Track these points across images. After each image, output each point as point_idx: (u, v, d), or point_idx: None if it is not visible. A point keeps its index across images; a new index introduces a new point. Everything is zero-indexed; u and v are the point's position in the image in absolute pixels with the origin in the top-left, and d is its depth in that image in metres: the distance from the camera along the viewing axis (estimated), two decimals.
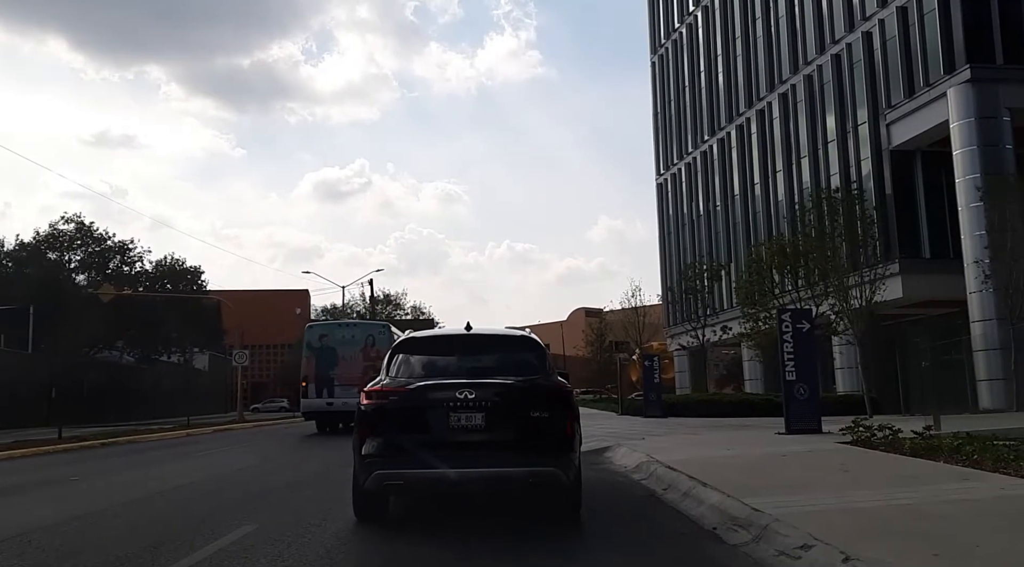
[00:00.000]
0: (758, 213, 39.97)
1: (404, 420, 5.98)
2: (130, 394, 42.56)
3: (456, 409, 5.87)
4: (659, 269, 51.34)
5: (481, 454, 5.85)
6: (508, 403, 5.99)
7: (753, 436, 13.31)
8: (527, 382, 6.22)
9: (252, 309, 73.42)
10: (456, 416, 5.87)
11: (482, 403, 5.89)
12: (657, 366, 24.96)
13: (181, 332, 43.02)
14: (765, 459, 9.29)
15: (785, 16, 37.62)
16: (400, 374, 6.47)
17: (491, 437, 5.88)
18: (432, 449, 5.82)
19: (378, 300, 60.64)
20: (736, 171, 41.83)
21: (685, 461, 9.17)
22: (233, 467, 12.55)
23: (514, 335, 7.39)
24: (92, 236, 39.16)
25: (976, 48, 26.95)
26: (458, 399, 5.88)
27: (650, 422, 21.08)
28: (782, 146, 37.69)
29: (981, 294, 24.78)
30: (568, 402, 6.35)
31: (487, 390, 5.98)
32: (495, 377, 6.24)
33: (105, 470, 12.53)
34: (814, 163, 35.35)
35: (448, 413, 5.86)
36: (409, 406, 6.00)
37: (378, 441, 6.00)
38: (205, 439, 21.32)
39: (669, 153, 50.36)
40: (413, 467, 5.82)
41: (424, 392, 6.04)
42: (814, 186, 35.06)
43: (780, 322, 12.55)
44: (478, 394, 5.91)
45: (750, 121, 40.70)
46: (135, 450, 17.36)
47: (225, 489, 9.38)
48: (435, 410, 5.91)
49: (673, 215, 49.71)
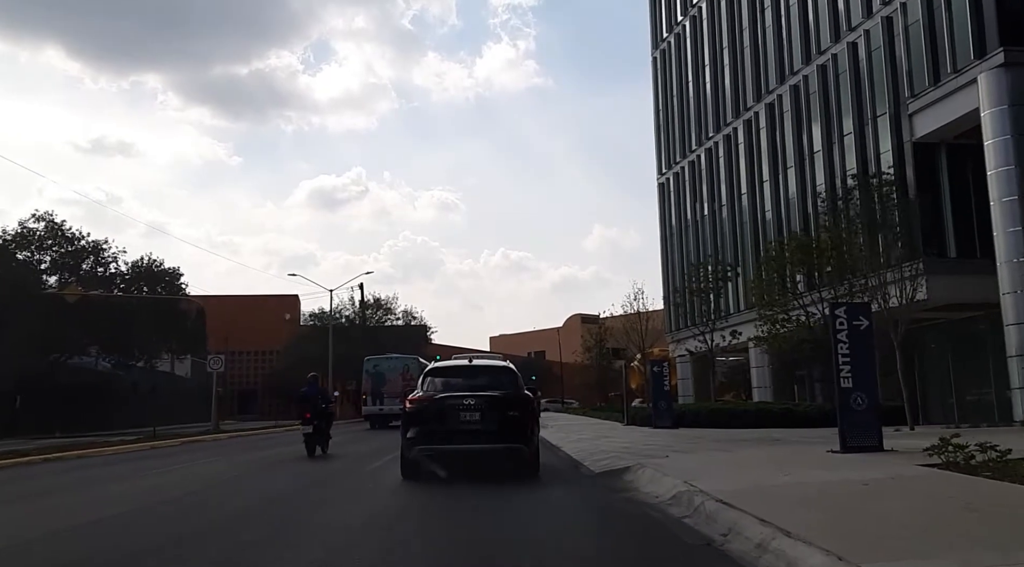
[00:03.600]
0: (767, 212, 37.98)
1: (432, 416, 9.88)
2: (106, 402, 40.31)
3: (463, 410, 9.81)
4: (660, 273, 49.30)
5: (478, 436, 9.74)
6: (493, 407, 9.87)
7: (800, 454, 11.23)
8: (505, 394, 10.12)
9: (240, 314, 71.20)
10: (463, 414, 9.79)
11: (478, 406, 9.83)
12: (667, 372, 22.90)
13: (159, 337, 40.71)
14: (844, 490, 7.21)
15: (797, 1, 35.72)
16: (429, 388, 10.38)
17: (484, 427, 9.76)
18: (449, 433, 9.74)
19: (368, 305, 58.46)
20: (744, 168, 39.85)
21: (738, 492, 7.08)
22: (176, 492, 10.41)
23: (498, 365, 11.44)
24: (63, 235, 36.90)
25: (1010, 30, 24.94)
26: (464, 404, 9.84)
27: (662, 434, 19.01)
28: (793, 141, 35.72)
29: (1016, 295, 22.78)
30: (530, 407, 10.24)
31: (481, 399, 9.91)
32: (486, 391, 10.08)
33: (19, 495, 10.37)
34: (828, 158, 33.37)
35: (458, 412, 9.80)
36: (435, 408, 9.93)
37: (417, 429, 9.88)
38: (167, 453, 19.13)
39: (671, 152, 48.39)
40: (438, 444, 9.79)
41: (444, 400, 9.98)
42: (829, 183, 33.15)
43: (833, 319, 10.48)
44: (476, 401, 9.85)
45: (758, 115, 38.74)
46: (80, 466, 15.20)
47: (140, 530, 7.23)
48: (451, 410, 9.83)
49: (676, 216, 47.69)
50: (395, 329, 59.33)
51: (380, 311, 58.87)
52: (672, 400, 23.03)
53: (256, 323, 72.71)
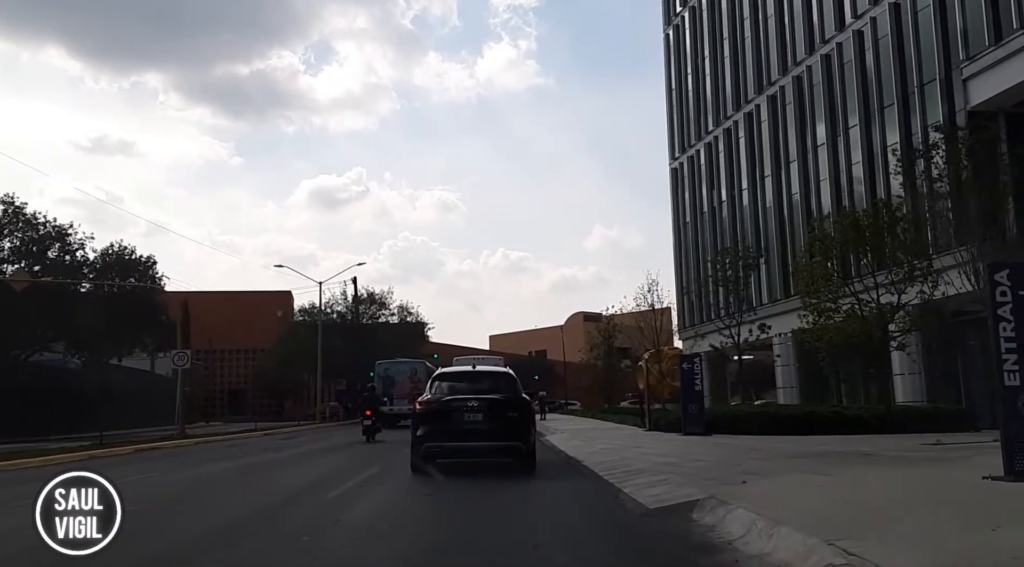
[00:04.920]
0: (794, 195, 34.76)
1: (439, 417, 11.17)
2: (74, 404, 36.95)
3: (467, 411, 11.05)
4: (672, 264, 46.07)
5: (480, 435, 11.02)
6: (494, 408, 11.06)
7: (938, 479, 8.00)
8: (505, 397, 11.34)
9: (230, 311, 67.97)
10: (467, 415, 11.03)
11: (481, 408, 11.04)
12: (698, 370, 19.66)
13: (132, 331, 37.42)
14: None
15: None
16: (436, 392, 11.69)
17: (486, 426, 10.96)
18: (454, 432, 11.01)
19: (362, 299, 55.08)
20: (768, 148, 36.59)
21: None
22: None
23: (499, 371, 12.42)
24: (25, 220, 33.57)
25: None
26: (468, 406, 11.08)
27: (699, 443, 15.81)
28: (826, 115, 32.48)
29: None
30: (527, 409, 11.76)
31: (484, 401, 11.12)
32: (488, 394, 11.30)
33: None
34: (866, 132, 30.14)
35: (463, 413, 11.05)
36: (442, 409, 11.23)
37: (426, 428, 11.18)
38: (105, 464, 15.86)
39: (686, 134, 45.12)
40: (445, 441, 11.12)
41: (450, 402, 11.29)
42: (866, 157, 29.91)
43: (992, 286, 7.25)
44: (479, 403, 11.08)
45: (784, 90, 35.50)
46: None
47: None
48: (456, 412, 11.09)
49: (691, 203, 44.41)
50: (391, 326, 55.98)
51: (374, 306, 55.48)
52: (703, 401, 19.81)
53: (248, 320, 69.31)
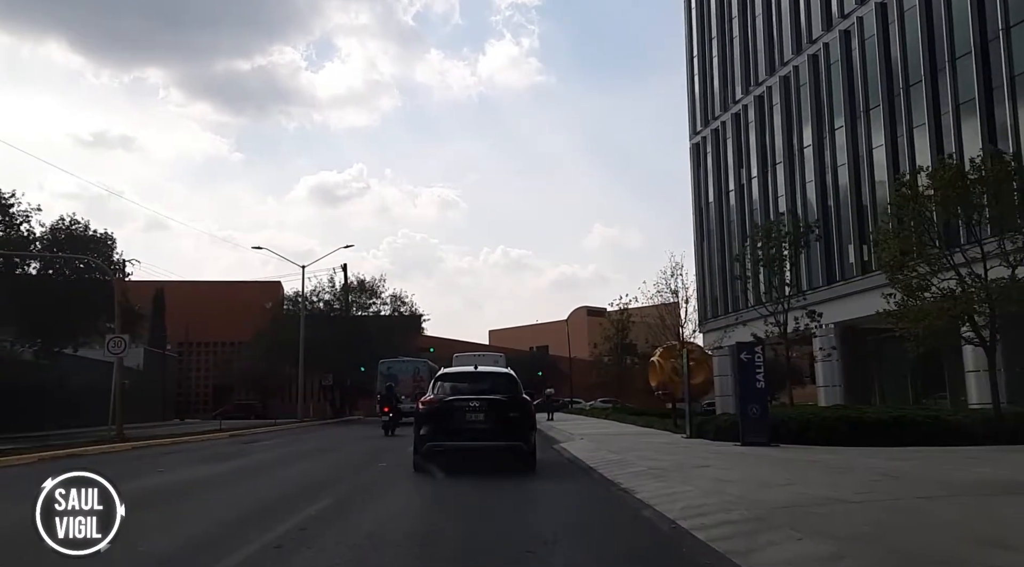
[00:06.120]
0: (840, 166, 30.44)
1: (442, 416, 11.27)
2: (22, 399, 32.71)
3: (469, 411, 11.16)
4: (692, 249, 41.73)
5: (482, 434, 11.13)
6: (496, 408, 11.18)
7: None
8: (506, 397, 11.42)
9: (216, 302, 63.71)
10: (469, 415, 11.15)
11: (483, 408, 11.14)
12: (759, 361, 15.37)
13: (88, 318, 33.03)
14: None
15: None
16: (439, 391, 11.83)
17: (487, 426, 11.11)
18: (456, 432, 11.14)
19: (352, 287, 50.63)
20: (809, 114, 32.24)
21: None
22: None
23: (500, 372, 12.95)
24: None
25: None
26: (470, 406, 11.19)
27: (783, 461, 11.52)
28: (882, 75, 28.14)
29: None
30: (528, 410, 11.66)
31: (485, 401, 11.23)
32: (489, 394, 11.41)
33: None
34: (931, 88, 25.83)
35: (465, 413, 11.17)
36: (444, 409, 11.34)
37: (428, 427, 11.29)
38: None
39: (709, 105, 40.72)
40: (447, 441, 11.20)
41: (452, 401, 11.42)
42: (931, 117, 25.62)
43: None
44: (480, 404, 11.19)
45: (828, 47, 31.16)
46: None
47: None
48: (458, 411, 11.22)
49: (714, 181, 40.04)
50: (383, 318, 51.49)
51: (365, 295, 51.00)
52: (767, 402, 15.47)
53: (235, 312, 64.39)
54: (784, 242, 24.26)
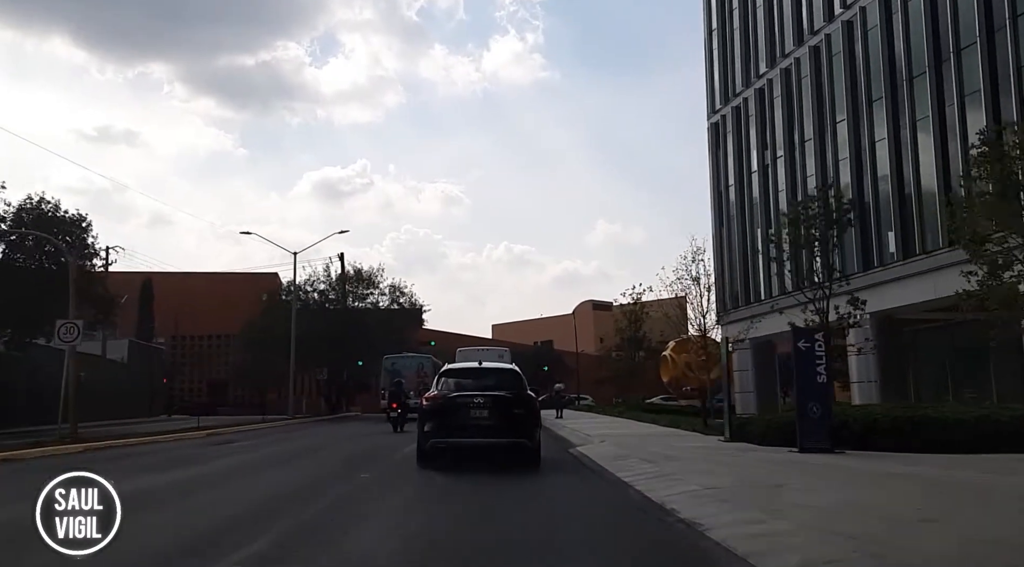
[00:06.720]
0: (878, 141, 27.83)
1: (446, 413, 11.26)
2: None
3: (473, 407, 11.17)
4: (711, 236, 39.04)
5: (486, 431, 11.13)
6: (500, 405, 11.19)
7: None
8: (511, 394, 11.43)
9: (211, 294, 61.28)
10: (473, 411, 11.16)
11: (487, 404, 11.16)
12: (820, 351, 12.84)
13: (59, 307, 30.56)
14: None
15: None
16: (443, 388, 11.77)
17: (491, 423, 11.12)
18: (461, 428, 11.13)
19: (349, 277, 48.11)
20: (844, 86, 29.57)
21: None
22: None
23: (504, 368, 13.24)
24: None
25: None
26: (474, 402, 11.20)
27: (863, 476, 9.03)
28: (929, 40, 25.50)
29: None
30: (533, 406, 11.59)
31: (490, 397, 11.24)
32: (494, 391, 11.42)
33: None
34: (988, 52, 23.24)
35: (469, 409, 11.17)
36: (449, 405, 11.30)
37: (432, 423, 11.36)
38: None
39: (730, 80, 38.06)
40: (451, 437, 11.25)
41: (457, 398, 11.37)
42: (989, 83, 23.02)
43: None
44: (485, 400, 11.20)
45: (865, 11, 28.54)
46: None
47: None
48: (462, 408, 11.20)
49: (735, 162, 37.40)
50: (382, 310, 48.93)
51: (362, 285, 48.47)
52: (829, 400, 12.94)
53: (231, 304, 61.71)
54: (823, 220, 21.69)
